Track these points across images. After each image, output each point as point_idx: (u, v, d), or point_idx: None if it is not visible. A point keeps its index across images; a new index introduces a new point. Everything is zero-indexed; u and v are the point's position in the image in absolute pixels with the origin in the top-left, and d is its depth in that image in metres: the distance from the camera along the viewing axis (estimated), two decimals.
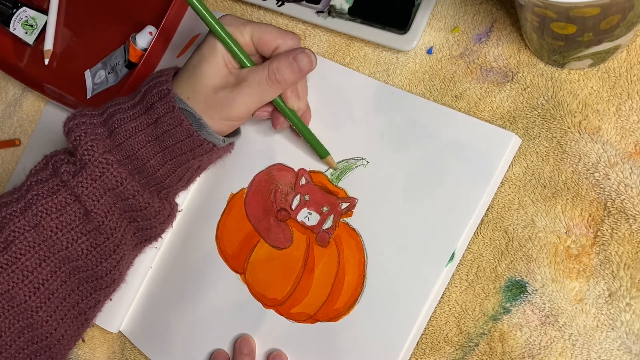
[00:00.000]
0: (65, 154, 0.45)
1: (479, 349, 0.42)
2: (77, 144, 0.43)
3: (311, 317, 0.46)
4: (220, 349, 0.49)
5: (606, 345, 0.38)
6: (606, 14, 0.33)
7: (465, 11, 0.47)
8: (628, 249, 0.39)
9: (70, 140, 0.44)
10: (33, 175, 0.45)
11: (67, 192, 0.43)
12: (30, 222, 0.42)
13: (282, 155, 0.50)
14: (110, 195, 0.44)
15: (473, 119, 0.43)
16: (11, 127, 0.71)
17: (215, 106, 0.44)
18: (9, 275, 0.41)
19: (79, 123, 0.44)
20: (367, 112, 0.47)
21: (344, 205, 0.46)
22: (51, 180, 0.44)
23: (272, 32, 0.44)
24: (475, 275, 0.43)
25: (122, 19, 0.65)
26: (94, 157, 0.43)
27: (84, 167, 0.43)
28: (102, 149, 0.43)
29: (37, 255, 0.42)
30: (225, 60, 0.44)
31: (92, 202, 0.43)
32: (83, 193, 0.43)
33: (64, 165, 0.44)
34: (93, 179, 0.43)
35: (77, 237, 0.43)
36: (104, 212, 0.43)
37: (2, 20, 0.69)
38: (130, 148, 0.44)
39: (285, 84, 0.43)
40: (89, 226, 0.43)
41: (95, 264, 0.44)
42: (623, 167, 0.40)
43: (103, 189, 0.43)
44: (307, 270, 0.47)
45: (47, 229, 0.42)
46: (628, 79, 0.41)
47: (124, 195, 0.44)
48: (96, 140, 0.43)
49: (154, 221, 0.47)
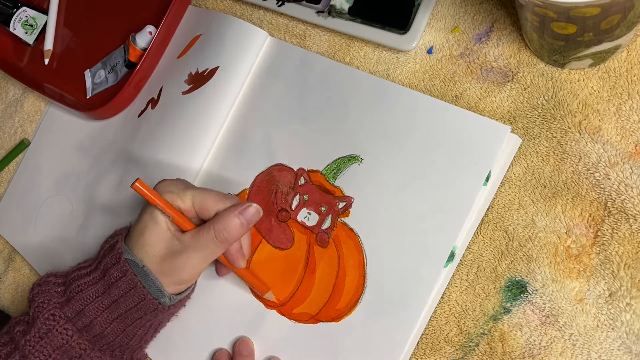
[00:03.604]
0: (25, 314, 0.44)
1: (479, 349, 0.42)
2: (32, 301, 0.44)
3: (313, 317, 0.46)
4: (222, 348, 0.49)
5: (606, 345, 0.38)
6: (606, 13, 0.33)
7: (465, 11, 0.47)
8: (628, 248, 0.39)
9: (29, 298, 0.44)
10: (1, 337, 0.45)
11: (18, 354, 0.42)
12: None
13: (282, 156, 0.50)
14: (57, 353, 0.42)
15: (468, 112, 0.43)
16: (12, 127, 0.71)
17: (165, 274, 0.43)
18: None
19: (41, 282, 0.45)
20: (361, 107, 0.47)
21: (341, 204, 0.46)
22: (9, 344, 0.43)
23: (213, 198, 0.43)
24: (475, 275, 0.43)
25: (122, 19, 0.65)
26: (42, 314, 0.43)
27: (33, 324, 0.43)
28: (53, 305, 0.43)
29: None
30: (167, 224, 0.43)
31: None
32: (30, 352, 0.42)
33: (18, 325, 0.44)
34: (40, 336, 0.42)
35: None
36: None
37: (2, 20, 0.69)
38: (80, 303, 0.43)
39: (233, 240, 0.43)
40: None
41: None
42: (623, 167, 0.40)
43: (51, 347, 0.42)
44: (309, 271, 0.47)
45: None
46: (628, 78, 0.41)
47: (71, 353, 0.43)
48: (49, 297, 0.43)
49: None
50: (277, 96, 0.52)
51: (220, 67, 0.54)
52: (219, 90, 0.54)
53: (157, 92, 0.58)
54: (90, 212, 0.58)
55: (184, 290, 0.46)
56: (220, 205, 0.43)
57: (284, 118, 0.51)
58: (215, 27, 0.56)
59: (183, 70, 0.57)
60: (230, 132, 0.53)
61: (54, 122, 0.67)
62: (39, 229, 0.62)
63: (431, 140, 0.44)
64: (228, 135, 0.53)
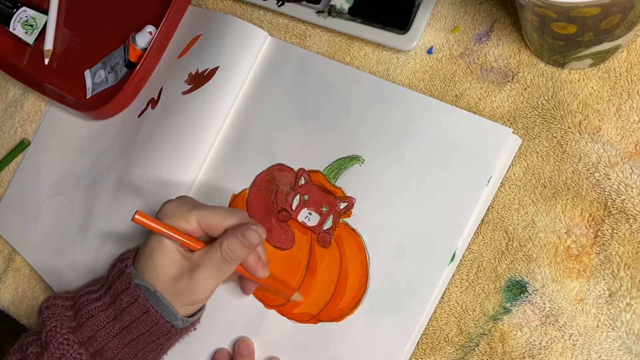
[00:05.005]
0: (36, 334, 0.44)
1: (479, 349, 0.42)
2: (43, 325, 0.43)
3: (314, 317, 0.46)
4: (222, 348, 0.49)
5: (606, 345, 0.38)
6: (606, 13, 0.33)
7: (465, 11, 0.47)
8: (628, 248, 0.39)
9: (39, 321, 0.44)
10: (8, 357, 0.44)
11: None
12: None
13: (282, 156, 0.50)
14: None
15: (470, 114, 0.43)
16: (12, 127, 0.71)
17: (178, 295, 0.43)
18: None
19: (49, 305, 0.45)
20: (361, 107, 0.47)
21: (342, 205, 0.47)
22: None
23: (219, 216, 0.43)
24: (475, 275, 0.43)
25: (122, 19, 0.65)
26: (55, 338, 0.42)
27: (47, 348, 0.43)
28: (65, 329, 0.43)
29: None
30: (175, 246, 0.43)
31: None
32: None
33: (30, 346, 0.43)
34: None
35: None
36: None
37: (2, 20, 0.69)
38: (91, 329, 0.43)
39: (240, 259, 0.43)
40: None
41: None
42: (623, 167, 0.40)
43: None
44: (310, 271, 0.47)
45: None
46: (628, 78, 0.41)
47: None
48: (60, 321, 0.43)
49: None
50: (277, 96, 0.52)
51: (220, 67, 0.54)
52: (219, 90, 0.54)
53: (157, 92, 0.58)
54: (90, 212, 0.58)
55: (196, 312, 0.46)
56: (228, 222, 0.43)
57: (284, 118, 0.51)
58: (215, 27, 0.56)
59: (183, 70, 0.57)
60: (231, 132, 0.53)
61: (54, 122, 0.67)
62: (39, 229, 0.62)
63: (433, 142, 0.44)
64: (228, 135, 0.53)
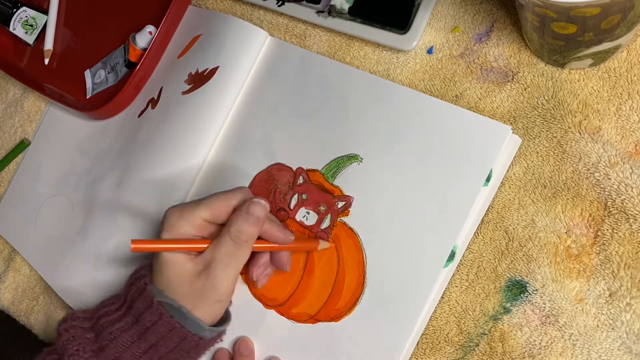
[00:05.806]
0: (56, 353, 0.44)
1: (479, 348, 0.42)
2: (64, 349, 0.43)
3: (312, 317, 0.46)
4: (222, 348, 0.49)
5: (606, 345, 0.38)
6: (607, 13, 0.33)
7: (465, 11, 0.47)
8: (628, 248, 0.39)
9: (59, 344, 0.44)
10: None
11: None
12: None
13: (282, 155, 0.50)
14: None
15: (468, 112, 0.43)
16: (12, 127, 0.71)
17: (200, 298, 0.42)
18: None
19: (68, 327, 0.44)
20: (361, 107, 0.47)
21: (340, 204, 0.46)
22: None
23: (222, 200, 0.43)
24: (475, 275, 0.43)
25: (122, 19, 0.65)
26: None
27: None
28: (89, 353, 0.43)
29: None
30: (183, 255, 0.43)
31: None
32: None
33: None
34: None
35: None
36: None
37: (2, 20, 0.69)
38: (115, 350, 0.43)
39: (252, 239, 0.43)
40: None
41: None
42: (623, 167, 0.40)
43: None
44: (308, 271, 0.47)
45: None
46: (628, 78, 0.41)
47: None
48: (82, 345, 0.43)
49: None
50: (277, 96, 0.52)
51: (220, 67, 0.54)
52: (219, 90, 0.54)
53: (157, 92, 0.58)
54: (90, 212, 0.58)
55: (223, 323, 0.45)
56: (232, 201, 0.43)
57: (283, 118, 0.51)
58: (215, 27, 0.56)
59: (183, 70, 0.57)
60: (230, 131, 0.53)
61: (54, 122, 0.67)
62: (39, 229, 0.62)
63: (432, 140, 0.44)
64: (228, 135, 0.53)
